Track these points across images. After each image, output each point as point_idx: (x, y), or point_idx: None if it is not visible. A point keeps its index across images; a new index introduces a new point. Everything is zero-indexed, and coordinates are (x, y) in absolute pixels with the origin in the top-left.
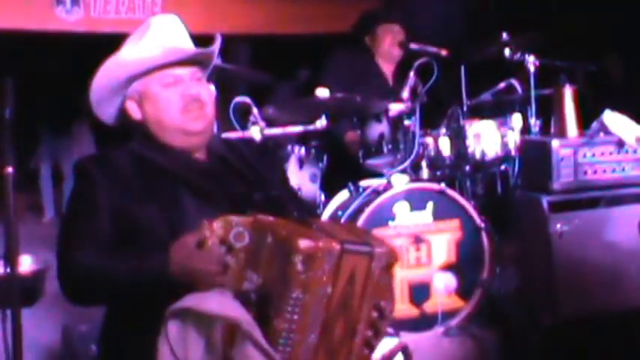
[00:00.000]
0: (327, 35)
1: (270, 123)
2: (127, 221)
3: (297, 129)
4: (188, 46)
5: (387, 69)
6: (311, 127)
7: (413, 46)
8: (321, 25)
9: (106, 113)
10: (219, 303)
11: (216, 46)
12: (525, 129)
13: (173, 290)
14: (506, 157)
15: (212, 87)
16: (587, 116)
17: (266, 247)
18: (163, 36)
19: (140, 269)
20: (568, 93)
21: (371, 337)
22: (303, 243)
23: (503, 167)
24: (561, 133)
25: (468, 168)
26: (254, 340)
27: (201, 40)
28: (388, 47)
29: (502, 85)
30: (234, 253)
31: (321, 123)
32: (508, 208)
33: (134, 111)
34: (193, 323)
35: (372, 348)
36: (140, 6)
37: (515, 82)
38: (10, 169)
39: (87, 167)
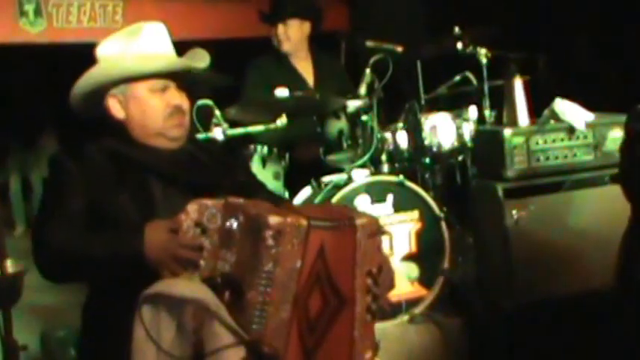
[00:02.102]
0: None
1: (233, 124)
2: (100, 210)
3: (260, 129)
4: (174, 57)
5: (302, 66)
6: (272, 126)
7: (368, 43)
8: None
9: (82, 106)
10: (189, 287)
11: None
12: (481, 120)
13: (147, 275)
14: (462, 148)
15: None
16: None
17: (238, 226)
18: (160, 45)
19: (115, 246)
20: (518, 83)
21: (370, 303)
22: (273, 219)
23: (460, 158)
24: (513, 122)
25: (426, 160)
26: (221, 318)
27: None
28: (277, 46)
29: (457, 77)
30: (208, 234)
31: (282, 122)
32: (467, 197)
33: (117, 110)
34: (165, 307)
35: (373, 313)
36: (101, 15)
37: (470, 75)
38: None
39: (61, 159)
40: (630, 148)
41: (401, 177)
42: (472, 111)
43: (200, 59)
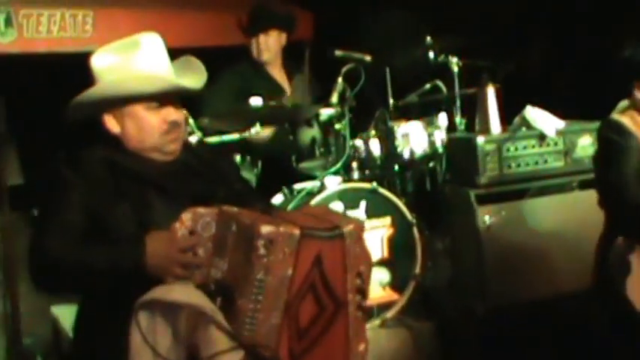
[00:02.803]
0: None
1: (207, 132)
2: (98, 220)
3: (234, 137)
4: (171, 76)
5: (278, 75)
6: (246, 135)
7: (337, 52)
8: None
9: (78, 118)
10: (184, 293)
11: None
12: (451, 127)
13: (143, 282)
14: (433, 155)
15: None
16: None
17: (231, 235)
18: (158, 61)
19: (115, 256)
20: (490, 91)
21: (360, 300)
22: (265, 228)
23: (431, 165)
24: (485, 129)
25: (397, 167)
26: (218, 322)
27: None
28: (256, 55)
29: (427, 86)
30: (202, 241)
31: (256, 130)
32: (437, 203)
33: (112, 124)
34: (160, 313)
35: (364, 310)
36: (72, 25)
37: (439, 83)
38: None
39: (60, 167)
40: (603, 157)
41: (374, 184)
42: (442, 119)
43: (195, 70)
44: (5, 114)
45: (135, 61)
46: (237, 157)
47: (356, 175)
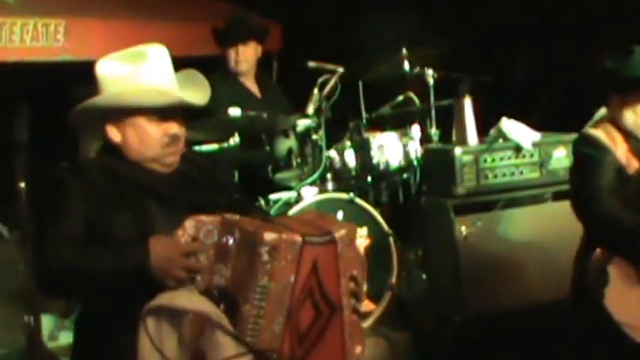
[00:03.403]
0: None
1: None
2: (99, 227)
3: (213, 147)
4: (176, 90)
5: (249, 83)
6: (225, 145)
7: (310, 64)
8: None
9: (81, 125)
10: (190, 299)
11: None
12: (425, 138)
13: (147, 286)
14: (408, 166)
15: None
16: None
17: (234, 242)
18: (163, 73)
19: (121, 259)
20: (468, 103)
21: (354, 304)
22: (269, 235)
23: (404, 176)
24: (463, 140)
25: (373, 178)
26: (224, 328)
27: None
28: (234, 66)
29: (400, 97)
30: (204, 249)
31: (235, 140)
32: (411, 214)
33: (114, 134)
34: (166, 319)
35: (358, 312)
36: (44, 34)
37: (412, 95)
38: (22, 184)
39: (61, 175)
40: (578, 171)
41: (351, 194)
42: (415, 130)
43: (198, 84)
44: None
45: (141, 73)
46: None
47: (331, 185)
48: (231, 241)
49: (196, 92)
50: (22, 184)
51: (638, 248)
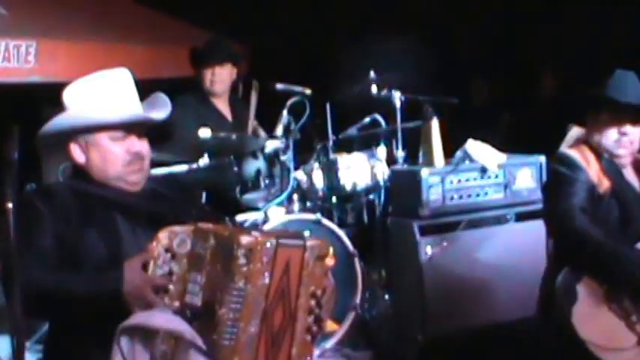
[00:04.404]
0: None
1: (154, 163)
2: (69, 246)
3: (182, 168)
4: (136, 107)
5: (221, 105)
6: (194, 166)
7: (278, 86)
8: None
9: (46, 146)
10: (164, 318)
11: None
12: (391, 160)
13: (119, 308)
14: (374, 187)
15: None
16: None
17: (209, 248)
18: (124, 93)
19: (95, 285)
20: (435, 125)
21: (311, 323)
22: (245, 238)
23: (370, 197)
24: (429, 162)
25: (338, 199)
26: (198, 347)
27: None
28: (209, 86)
29: (367, 120)
30: (177, 259)
31: (204, 161)
32: (375, 235)
33: (78, 155)
34: (140, 339)
35: (312, 334)
36: (15, 55)
37: (379, 117)
38: (10, 205)
39: (31, 198)
40: (552, 189)
41: (318, 215)
42: (381, 151)
43: (161, 105)
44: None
45: (102, 93)
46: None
47: (297, 206)
48: (205, 248)
49: (158, 111)
50: (10, 205)
51: (606, 266)
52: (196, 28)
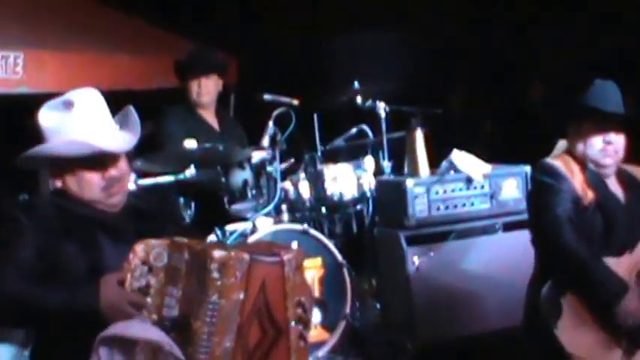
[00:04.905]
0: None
1: (141, 174)
2: (50, 260)
3: (168, 179)
4: (111, 124)
5: (208, 116)
6: (181, 177)
7: (266, 96)
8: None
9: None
10: (143, 328)
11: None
12: (378, 170)
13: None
14: (361, 198)
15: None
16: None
17: (184, 262)
18: (93, 116)
19: (72, 299)
20: (419, 135)
21: (302, 330)
22: (217, 253)
23: (358, 207)
24: (414, 172)
25: (327, 209)
26: (176, 357)
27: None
28: (196, 98)
29: (354, 130)
30: (154, 272)
31: (191, 172)
32: (365, 245)
33: (56, 180)
34: (119, 349)
35: (305, 340)
36: (2, 66)
37: (365, 128)
38: None
39: (13, 211)
40: (537, 200)
41: (305, 225)
42: (369, 162)
43: (132, 125)
44: None
45: (68, 123)
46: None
47: (286, 217)
48: (181, 261)
49: (129, 132)
50: None
51: (588, 281)
52: (186, 39)
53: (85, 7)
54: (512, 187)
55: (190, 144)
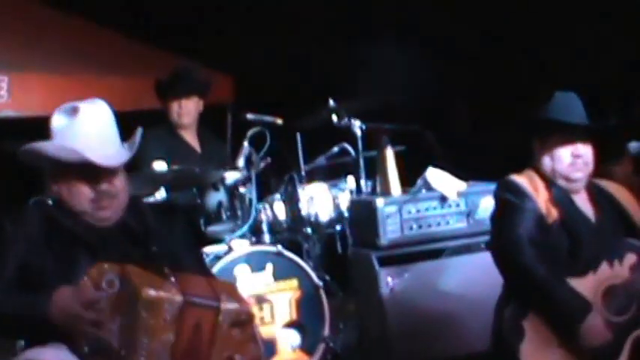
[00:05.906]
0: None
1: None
2: (29, 271)
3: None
4: (113, 139)
5: (189, 137)
6: (151, 199)
7: (249, 116)
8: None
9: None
10: (54, 354)
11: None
12: (358, 190)
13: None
14: (339, 218)
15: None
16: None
17: (125, 294)
18: (95, 127)
19: (24, 307)
20: (390, 153)
21: None
22: (146, 292)
23: (339, 227)
24: (386, 191)
25: (305, 230)
26: None
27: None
28: (176, 119)
29: (335, 149)
30: (106, 296)
31: (161, 194)
32: (345, 266)
33: (52, 185)
34: None
35: None
36: None
37: (347, 146)
38: None
39: (2, 221)
40: (499, 218)
41: (279, 247)
42: (350, 181)
43: (132, 143)
44: None
45: (71, 129)
46: None
47: (265, 238)
48: (125, 292)
49: (128, 151)
50: None
51: (550, 302)
52: (176, 58)
53: (71, 28)
54: (490, 205)
55: (160, 166)
